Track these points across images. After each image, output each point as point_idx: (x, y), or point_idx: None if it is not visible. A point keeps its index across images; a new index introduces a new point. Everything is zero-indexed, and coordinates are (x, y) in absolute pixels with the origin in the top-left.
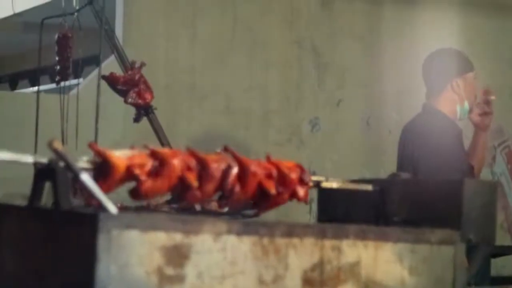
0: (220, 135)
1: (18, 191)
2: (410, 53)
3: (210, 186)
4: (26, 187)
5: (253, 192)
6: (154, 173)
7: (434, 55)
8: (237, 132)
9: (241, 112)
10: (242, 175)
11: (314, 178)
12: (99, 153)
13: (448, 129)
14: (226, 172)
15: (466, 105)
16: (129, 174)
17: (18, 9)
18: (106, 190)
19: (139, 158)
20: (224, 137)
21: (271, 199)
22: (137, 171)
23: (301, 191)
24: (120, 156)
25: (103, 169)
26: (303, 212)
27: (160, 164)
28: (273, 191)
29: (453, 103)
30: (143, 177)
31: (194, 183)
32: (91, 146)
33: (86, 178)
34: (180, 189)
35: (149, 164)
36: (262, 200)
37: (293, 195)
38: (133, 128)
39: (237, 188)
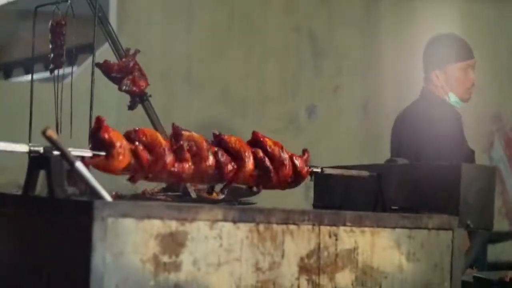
0: (217, 123)
1: (13, 181)
2: (408, 40)
3: None
4: (20, 177)
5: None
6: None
7: (431, 40)
8: (234, 120)
9: (238, 100)
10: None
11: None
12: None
13: (447, 114)
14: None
15: (452, 96)
16: None
17: None
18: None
19: None
20: (221, 125)
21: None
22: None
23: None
24: None
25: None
26: (300, 198)
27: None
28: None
29: (440, 92)
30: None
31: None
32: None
33: (80, 166)
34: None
35: None
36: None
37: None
38: (127, 116)
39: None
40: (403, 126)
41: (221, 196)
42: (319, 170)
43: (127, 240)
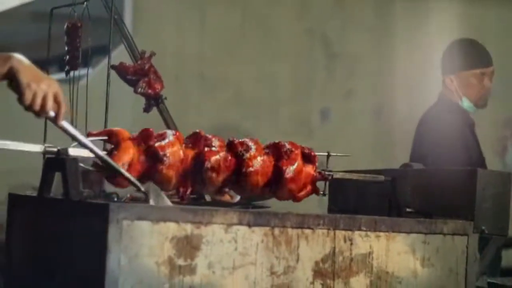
0: (229, 125)
1: (27, 182)
2: (422, 44)
3: None
4: (34, 178)
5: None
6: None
7: (450, 44)
8: (247, 122)
9: (250, 102)
10: None
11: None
12: None
13: (459, 119)
14: None
15: (466, 101)
16: None
17: None
18: None
19: None
20: (234, 127)
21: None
22: None
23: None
24: None
25: None
26: (313, 202)
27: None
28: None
29: (454, 97)
30: None
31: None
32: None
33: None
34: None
35: None
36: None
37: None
38: (142, 118)
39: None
40: (419, 130)
41: (236, 200)
42: (330, 177)
43: (142, 243)
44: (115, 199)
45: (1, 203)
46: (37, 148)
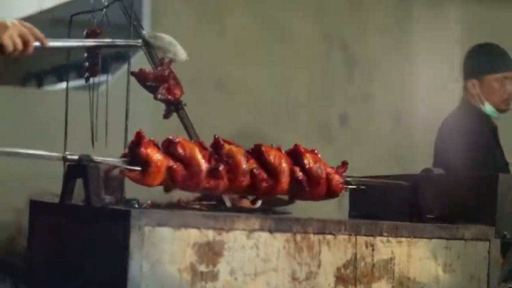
0: (248, 130)
1: (48, 189)
2: (442, 47)
3: None
4: (53, 185)
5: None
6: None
7: (471, 48)
8: (266, 127)
9: (269, 107)
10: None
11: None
12: None
13: (482, 124)
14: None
15: (488, 105)
16: None
17: (45, 6)
18: None
19: None
20: (253, 132)
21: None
22: None
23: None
24: None
25: None
26: (333, 207)
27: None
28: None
29: (476, 101)
30: None
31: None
32: None
33: None
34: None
35: None
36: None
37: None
38: (161, 125)
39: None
40: (441, 135)
41: (256, 205)
42: (354, 186)
43: (164, 249)
44: (136, 206)
45: (22, 210)
46: (58, 155)
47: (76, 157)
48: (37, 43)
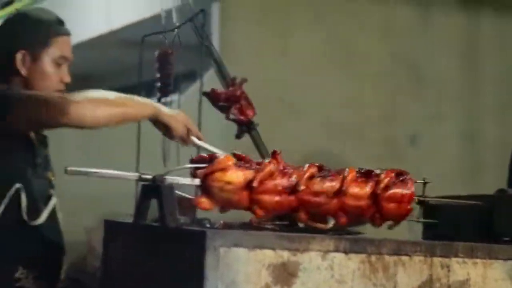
0: (316, 149)
1: (117, 208)
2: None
3: None
4: (124, 204)
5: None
6: None
7: None
8: (334, 146)
9: (337, 126)
10: None
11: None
12: None
13: None
14: None
15: None
16: None
17: (115, 26)
18: None
19: None
20: (320, 151)
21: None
22: None
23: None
24: None
25: None
26: (402, 227)
27: None
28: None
29: None
30: None
31: None
32: None
33: None
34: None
35: None
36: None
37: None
38: (231, 144)
39: None
40: None
41: (329, 225)
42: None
43: (239, 270)
44: (207, 225)
45: (93, 229)
46: (133, 175)
47: (150, 177)
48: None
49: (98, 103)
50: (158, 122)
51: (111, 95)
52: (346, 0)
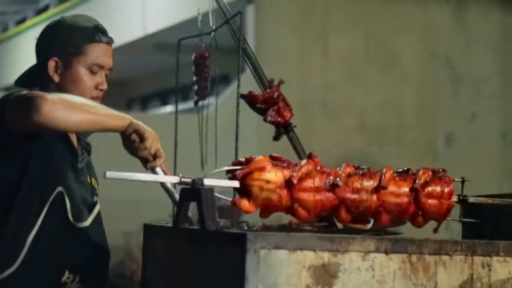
0: (354, 151)
1: (158, 213)
2: None
3: None
4: (160, 208)
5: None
6: None
7: None
8: (371, 147)
9: (375, 127)
10: None
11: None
12: None
13: None
14: None
15: None
16: None
17: (150, 30)
18: None
19: None
20: (358, 152)
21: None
22: None
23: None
24: None
25: None
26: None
27: None
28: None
29: None
30: None
31: None
32: None
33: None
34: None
35: None
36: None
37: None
38: (267, 146)
39: None
40: None
41: (368, 226)
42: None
43: (279, 272)
44: (245, 228)
45: (130, 233)
46: (173, 179)
47: (189, 180)
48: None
49: (72, 106)
50: (133, 133)
51: (88, 101)
52: (385, 2)
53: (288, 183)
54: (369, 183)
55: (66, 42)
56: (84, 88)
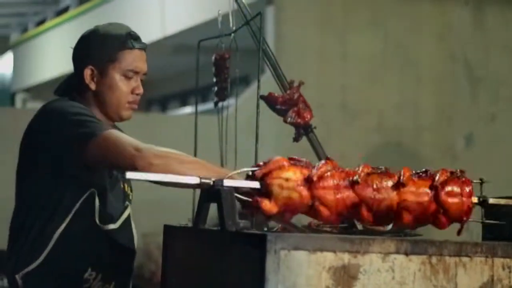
0: (372, 152)
1: (178, 214)
2: None
3: None
4: (178, 209)
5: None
6: None
7: None
8: (389, 149)
9: (393, 129)
10: None
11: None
12: None
13: None
14: None
15: None
16: None
17: (169, 32)
18: None
19: None
20: (376, 154)
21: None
22: None
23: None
24: None
25: None
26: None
27: None
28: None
29: None
30: None
31: None
32: None
33: None
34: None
35: None
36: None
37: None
38: (286, 148)
39: None
40: None
41: (388, 227)
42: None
43: (299, 273)
44: (265, 229)
45: (149, 234)
46: (194, 180)
47: (209, 181)
48: None
49: (170, 165)
50: None
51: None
52: (404, 4)
53: (308, 181)
54: (388, 181)
55: (100, 50)
56: (120, 94)
